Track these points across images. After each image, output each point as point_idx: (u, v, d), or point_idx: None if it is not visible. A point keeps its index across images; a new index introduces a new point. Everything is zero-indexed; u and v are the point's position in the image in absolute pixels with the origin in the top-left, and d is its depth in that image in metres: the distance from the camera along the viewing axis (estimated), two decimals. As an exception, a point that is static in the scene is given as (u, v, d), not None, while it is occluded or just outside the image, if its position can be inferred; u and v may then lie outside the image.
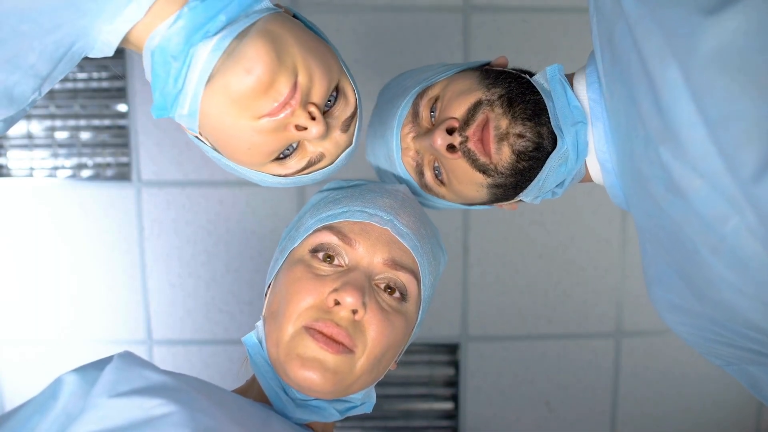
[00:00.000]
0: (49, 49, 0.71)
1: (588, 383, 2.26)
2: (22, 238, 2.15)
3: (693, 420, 2.27)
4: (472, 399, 2.26)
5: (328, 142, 0.82)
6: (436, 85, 0.96)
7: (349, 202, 0.86)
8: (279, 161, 0.82)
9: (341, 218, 0.83)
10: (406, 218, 0.85)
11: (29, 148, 2.13)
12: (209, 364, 2.21)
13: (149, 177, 2.12)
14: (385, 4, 2.05)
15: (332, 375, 0.75)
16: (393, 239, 0.82)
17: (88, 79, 2.12)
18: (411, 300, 0.82)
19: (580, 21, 2.03)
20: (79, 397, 0.67)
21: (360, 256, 0.81)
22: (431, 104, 0.95)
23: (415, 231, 0.85)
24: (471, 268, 2.18)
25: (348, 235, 0.81)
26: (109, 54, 0.76)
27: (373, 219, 0.83)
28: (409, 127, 0.96)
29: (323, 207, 0.88)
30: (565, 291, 2.20)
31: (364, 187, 0.92)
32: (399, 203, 0.88)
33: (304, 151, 0.82)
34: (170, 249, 2.16)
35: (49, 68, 0.72)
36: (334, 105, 0.81)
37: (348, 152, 0.86)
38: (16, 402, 2.21)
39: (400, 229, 0.83)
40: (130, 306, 2.18)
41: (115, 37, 0.74)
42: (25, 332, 2.19)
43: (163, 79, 0.73)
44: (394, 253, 0.82)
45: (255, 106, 0.73)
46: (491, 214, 2.12)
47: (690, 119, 0.67)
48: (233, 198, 2.14)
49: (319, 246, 0.82)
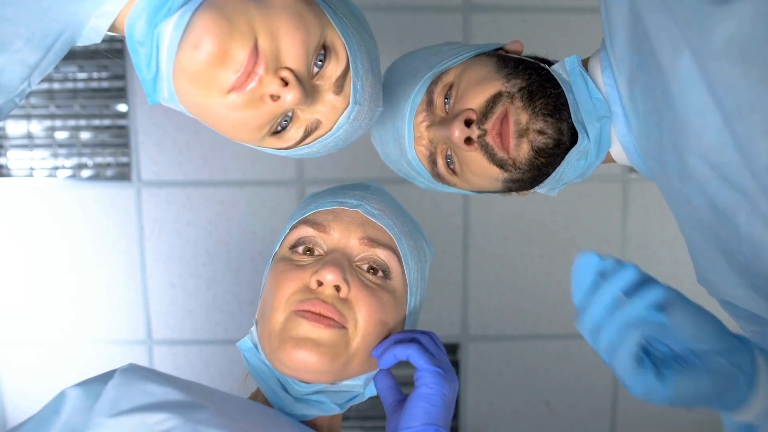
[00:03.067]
0: (37, 36, 0.68)
1: (588, 383, 2.26)
2: (22, 239, 2.15)
3: (693, 420, 2.27)
4: (472, 399, 2.26)
5: (321, 106, 0.75)
6: (451, 70, 0.92)
7: (319, 199, 0.88)
8: (276, 135, 0.76)
9: (313, 211, 0.85)
10: (375, 203, 0.86)
11: (29, 148, 2.13)
12: (209, 364, 2.21)
13: (149, 177, 2.12)
14: (385, 4, 2.05)
15: (327, 350, 0.75)
16: (365, 219, 0.83)
17: (88, 79, 2.12)
18: (395, 277, 0.83)
19: (580, 21, 2.03)
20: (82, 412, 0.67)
21: (336, 240, 0.82)
22: (446, 91, 0.91)
23: (386, 213, 0.86)
24: (471, 268, 2.18)
25: (321, 222, 0.83)
26: (97, 41, 0.74)
27: (343, 204, 0.84)
28: (423, 115, 0.92)
29: (297, 212, 0.89)
30: (565, 291, 2.19)
31: (336, 187, 0.93)
32: (369, 193, 0.89)
33: (299, 119, 0.76)
34: (170, 249, 2.16)
35: (38, 56, 0.70)
36: (325, 65, 0.74)
37: (348, 113, 0.77)
38: (16, 402, 2.21)
39: (371, 210, 0.84)
40: (130, 306, 2.18)
41: (103, 23, 0.71)
42: (25, 332, 2.19)
43: (138, 66, 0.70)
44: (368, 231, 0.83)
45: (217, 81, 0.67)
46: (491, 214, 2.12)
47: (704, 109, 0.67)
48: (233, 198, 2.14)
49: (297, 241, 0.83)
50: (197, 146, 2.09)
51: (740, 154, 0.65)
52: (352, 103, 0.77)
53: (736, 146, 0.65)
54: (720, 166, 0.68)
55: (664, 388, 0.68)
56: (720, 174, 0.68)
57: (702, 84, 0.67)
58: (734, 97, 0.65)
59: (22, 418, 0.72)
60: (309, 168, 2.11)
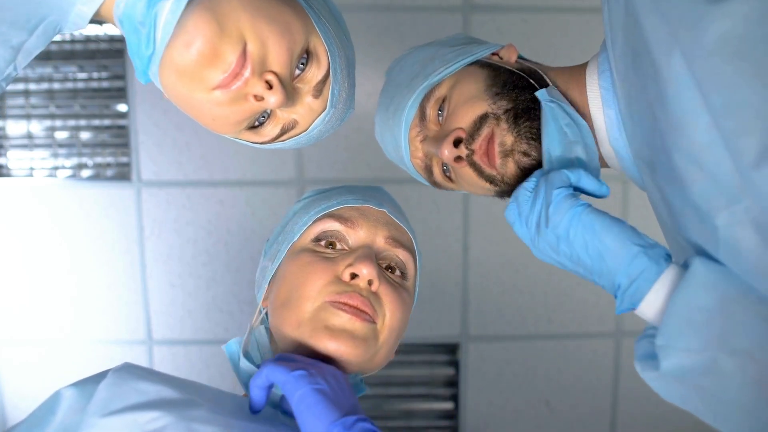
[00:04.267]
0: (21, 19, 0.70)
1: (588, 383, 2.26)
2: (22, 239, 2.15)
3: (693, 420, 2.26)
4: (472, 399, 2.26)
5: (300, 108, 0.79)
6: (444, 83, 0.94)
7: (340, 196, 0.89)
8: (253, 129, 0.79)
9: (338, 206, 0.87)
10: (396, 206, 0.93)
11: (29, 148, 2.13)
12: (209, 364, 2.21)
13: (149, 177, 2.12)
14: (385, 3, 2.05)
15: (362, 342, 0.78)
16: (390, 220, 0.87)
17: (88, 79, 2.12)
18: (410, 279, 0.87)
19: (580, 21, 2.03)
20: (77, 411, 0.67)
21: (362, 237, 0.84)
22: (439, 104, 0.94)
23: (404, 217, 0.91)
24: (471, 268, 2.18)
25: (349, 218, 0.85)
26: (83, 27, 0.75)
27: (369, 202, 0.87)
28: (416, 129, 0.95)
29: (314, 205, 0.90)
30: (565, 291, 2.20)
31: (349, 186, 0.95)
32: (385, 195, 0.94)
33: (276, 117, 0.80)
34: (170, 249, 2.16)
35: (22, 38, 0.71)
36: (307, 69, 0.77)
37: (324, 116, 0.81)
38: (16, 402, 2.21)
39: (393, 212, 0.88)
40: (130, 306, 2.18)
41: (88, 8, 0.73)
42: (25, 332, 2.19)
43: (136, 45, 0.72)
44: (393, 232, 0.86)
45: (204, 78, 0.70)
46: (491, 214, 2.12)
47: (694, 108, 0.67)
48: (233, 198, 2.14)
49: (322, 234, 0.85)
50: (197, 146, 2.09)
51: (729, 152, 0.66)
52: (329, 107, 0.80)
53: (725, 145, 0.66)
54: (708, 166, 0.68)
55: (582, 206, 0.76)
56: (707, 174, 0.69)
57: (692, 83, 0.67)
58: (722, 96, 0.65)
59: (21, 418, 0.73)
60: (309, 168, 2.11)
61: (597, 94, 0.89)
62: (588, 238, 0.76)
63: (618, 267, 0.75)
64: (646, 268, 0.73)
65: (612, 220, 0.77)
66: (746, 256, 0.68)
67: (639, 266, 0.74)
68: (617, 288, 0.76)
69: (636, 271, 0.74)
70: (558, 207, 0.78)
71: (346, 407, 0.70)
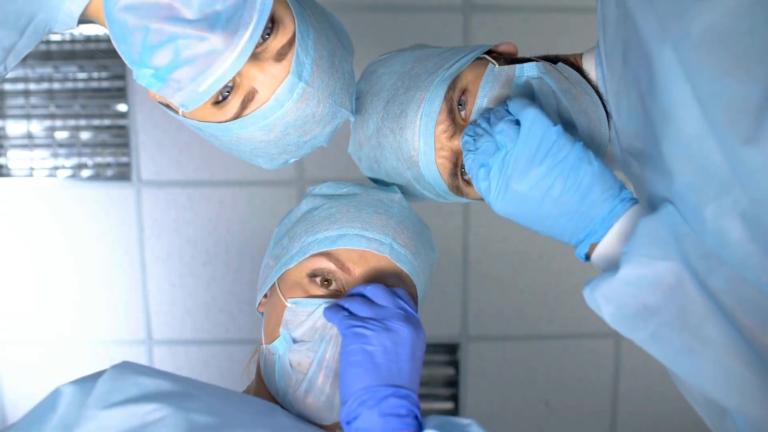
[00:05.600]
0: (11, 18, 0.70)
1: (588, 383, 2.26)
2: (22, 239, 2.15)
3: (693, 420, 2.27)
4: (472, 399, 2.26)
5: (260, 74, 0.75)
6: (463, 76, 0.89)
7: (345, 222, 0.85)
8: (218, 105, 0.77)
9: (339, 244, 0.83)
10: (403, 237, 0.86)
11: (29, 148, 2.13)
12: (209, 364, 2.21)
13: (149, 177, 2.12)
14: (385, 4, 2.05)
15: None
16: (391, 266, 0.84)
17: (88, 79, 2.12)
18: None
19: (580, 21, 2.03)
20: (76, 407, 0.68)
21: (357, 280, 0.82)
22: (459, 97, 0.88)
23: (413, 250, 0.86)
24: (471, 268, 2.18)
25: (346, 264, 0.82)
26: (73, 27, 0.76)
27: (372, 245, 0.83)
28: (445, 125, 0.87)
29: (318, 224, 0.86)
30: (565, 291, 2.20)
31: (360, 199, 0.89)
32: (395, 221, 0.87)
33: (239, 89, 0.77)
34: (170, 249, 2.16)
35: (12, 39, 0.71)
36: (270, 37, 0.75)
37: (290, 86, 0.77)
38: (16, 402, 2.21)
39: (399, 252, 0.84)
40: (130, 306, 2.18)
41: (76, 6, 0.73)
42: (25, 332, 2.19)
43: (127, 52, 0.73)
44: (390, 280, 0.83)
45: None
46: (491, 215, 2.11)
47: (684, 99, 0.68)
48: (233, 198, 2.14)
49: (317, 271, 0.83)
50: (197, 146, 2.09)
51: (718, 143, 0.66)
52: (294, 76, 0.76)
53: (714, 135, 0.66)
54: (697, 157, 0.68)
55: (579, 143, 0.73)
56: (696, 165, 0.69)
57: (682, 75, 0.68)
58: (710, 87, 0.66)
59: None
60: (309, 168, 2.11)
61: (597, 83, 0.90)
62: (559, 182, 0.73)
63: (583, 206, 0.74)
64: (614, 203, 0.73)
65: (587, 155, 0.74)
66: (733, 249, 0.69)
67: (607, 202, 0.73)
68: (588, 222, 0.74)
69: (604, 208, 0.73)
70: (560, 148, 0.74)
71: (390, 377, 0.69)
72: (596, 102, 0.88)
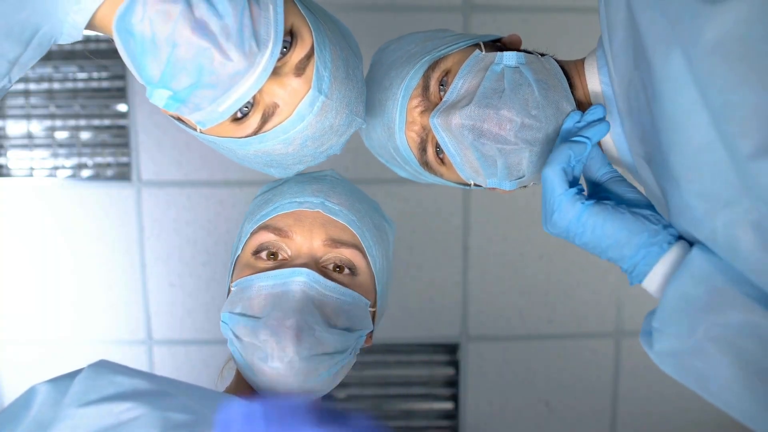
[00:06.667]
0: (16, 31, 0.69)
1: (588, 383, 2.26)
2: (22, 239, 2.15)
3: (693, 420, 2.27)
4: (472, 399, 2.26)
5: (280, 89, 0.75)
6: (449, 57, 0.92)
7: (278, 198, 0.88)
8: (237, 121, 0.77)
9: (273, 214, 0.86)
10: (336, 198, 0.87)
11: (29, 148, 2.13)
12: (209, 364, 2.21)
13: (149, 177, 2.12)
14: (385, 3, 2.05)
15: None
16: (328, 219, 0.85)
17: (88, 79, 2.12)
18: (361, 272, 0.85)
19: (580, 21, 2.03)
20: (51, 406, 0.67)
21: (299, 244, 0.83)
22: (441, 77, 0.91)
23: (348, 207, 0.87)
24: (471, 268, 2.18)
25: (283, 228, 0.84)
26: (78, 38, 0.75)
27: (304, 206, 0.85)
28: (417, 100, 0.91)
29: (257, 210, 0.89)
30: (565, 291, 2.20)
31: (292, 180, 0.93)
32: (328, 186, 0.90)
33: (258, 104, 0.76)
34: (170, 249, 2.16)
35: (17, 51, 0.71)
36: (290, 51, 0.75)
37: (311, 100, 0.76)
38: (16, 402, 2.21)
39: (332, 208, 0.85)
40: (130, 306, 2.18)
41: (81, 18, 0.73)
42: (25, 332, 2.19)
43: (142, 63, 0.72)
44: (331, 232, 0.84)
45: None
46: (491, 214, 2.12)
47: (693, 107, 0.67)
48: (233, 198, 2.14)
49: (259, 246, 0.85)
50: (197, 146, 2.09)
51: (728, 152, 0.66)
52: (315, 90, 0.76)
53: (724, 145, 0.66)
54: (707, 165, 0.68)
55: (583, 206, 0.78)
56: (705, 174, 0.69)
57: (691, 82, 0.67)
58: (722, 96, 0.65)
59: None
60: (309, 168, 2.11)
61: (599, 89, 0.89)
62: (596, 235, 0.80)
63: (625, 252, 0.79)
64: (649, 250, 0.77)
65: (615, 213, 0.79)
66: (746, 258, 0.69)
67: (642, 249, 0.77)
68: (626, 267, 0.80)
69: (640, 254, 0.78)
70: (561, 212, 0.81)
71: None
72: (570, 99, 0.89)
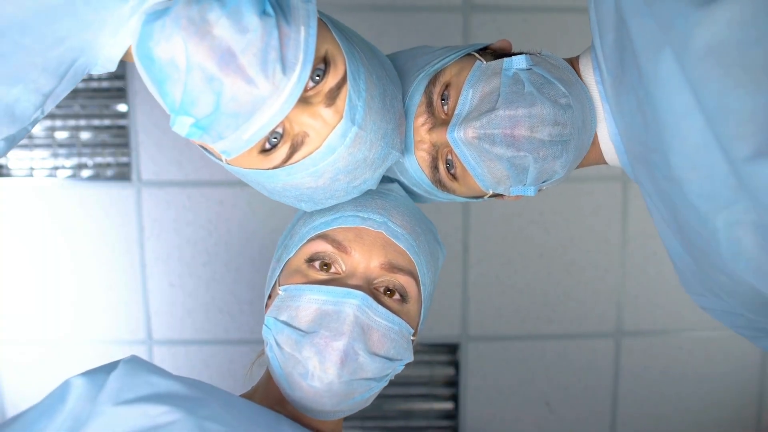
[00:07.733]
0: (52, 65, 0.69)
1: (588, 383, 2.26)
2: (22, 239, 2.15)
3: (693, 420, 2.27)
4: (472, 399, 2.26)
5: (309, 119, 0.71)
6: (447, 70, 0.90)
7: (341, 207, 0.85)
8: (265, 153, 0.74)
9: (334, 225, 0.82)
10: (399, 218, 0.84)
11: (29, 148, 2.13)
12: (209, 364, 2.21)
13: (149, 177, 2.12)
14: (385, 4, 2.05)
15: None
16: (388, 242, 0.81)
17: (88, 79, 2.11)
18: (411, 300, 0.82)
19: (580, 21, 2.03)
20: (87, 400, 0.67)
21: (356, 262, 0.80)
22: (442, 91, 0.89)
23: (409, 230, 0.84)
24: (471, 268, 2.18)
25: (342, 242, 0.81)
26: (112, 69, 0.74)
27: (366, 223, 0.82)
28: (423, 117, 0.88)
29: (316, 214, 0.86)
30: (565, 291, 2.20)
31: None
32: (391, 203, 0.86)
33: (288, 135, 0.73)
34: (170, 249, 2.16)
35: (53, 84, 0.70)
36: (324, 79, 0.72)
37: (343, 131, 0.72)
38: (16, 402, 2.21)
39: (394, 230, 0.82)
40: (130, 306, 2.18)
41: (118, 51, 0.72)
42: (25, 332, 2.19)
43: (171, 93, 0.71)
44: (390, 256, 0.81)
45: None
46: (491, 214, 2.12)
47: (688, 109, 0.68)
48: (233, 198, 2.14)
49: (315, 255, 0.81)
50: (197, 146, 2.09)
51: (723, 154, 0.66)
52: (347, 120, 0.72)
53: (720, 146, 0.66)
54: (704, 167, 0.68)
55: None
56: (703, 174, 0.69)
57: (685, 85, 0.67)
58: (716, 99, 0.65)
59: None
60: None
61: (595, 88, 0.89)
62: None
63: None
64: None
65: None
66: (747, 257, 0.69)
67: None
68: None
69: None
70: None
71: None
72: (584, 89, 0.88)
